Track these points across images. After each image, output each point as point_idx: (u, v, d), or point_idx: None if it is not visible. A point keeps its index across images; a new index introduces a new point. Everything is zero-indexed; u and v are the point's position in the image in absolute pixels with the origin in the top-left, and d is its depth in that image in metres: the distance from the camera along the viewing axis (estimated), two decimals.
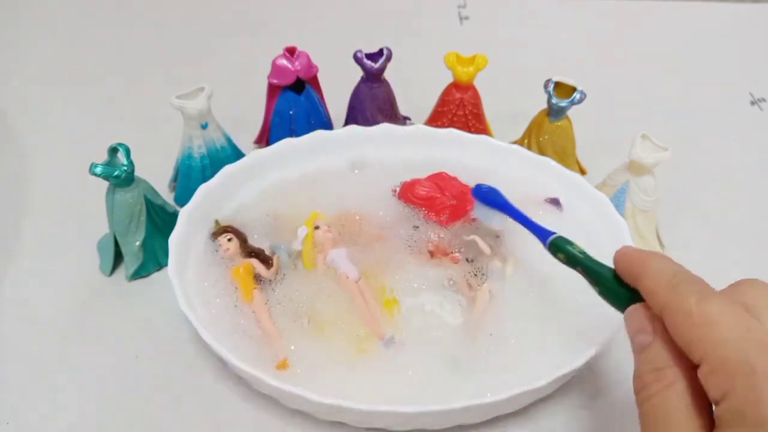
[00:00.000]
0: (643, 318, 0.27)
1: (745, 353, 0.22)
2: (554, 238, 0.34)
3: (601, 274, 0.31)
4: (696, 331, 0.24)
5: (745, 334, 0.23)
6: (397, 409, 0.32)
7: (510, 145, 0.48)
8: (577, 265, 0.32)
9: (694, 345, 0.24)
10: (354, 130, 0.49)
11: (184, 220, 0.41)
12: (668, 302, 0.25)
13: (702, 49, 0.71)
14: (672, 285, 0.26)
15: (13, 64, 0.67)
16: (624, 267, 0.29)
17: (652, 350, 0.26)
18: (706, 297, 0.25)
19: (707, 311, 0.24)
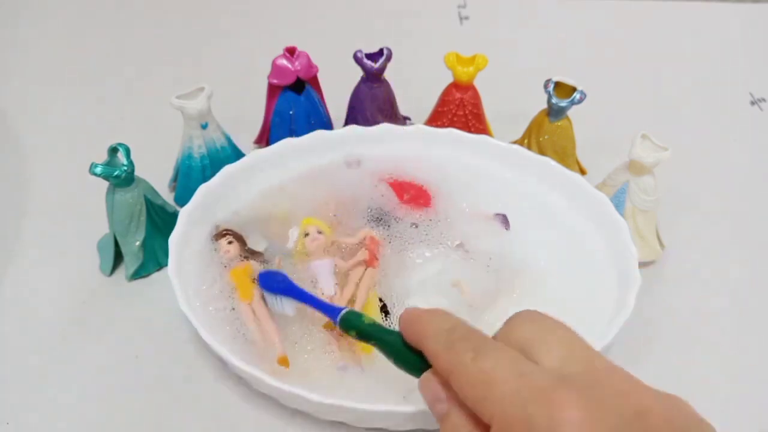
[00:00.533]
0: (436, 386, 0.26)
1: (523, 407, 0.22)
2: (345, 313, 0.33)
3: (391, 343, 0.30)
4: (477, 392, 0.24)
5: (520, 383, 0.23)
6: (397, 409, 0.32)
7: (510, 145, 0.48)
8: (369, 338, 0.31)
9: (480, 407, 0.24)
10: (354, 130, 0.49)
11: (184, 220, 0.41)
12: (447, 366, 0.25)
13: (702, 49, 0.71)
14: (449, 345, 0.25)
15: (13, 64, 0.67)
16: (407, 330, 0.28)
17: (451, 419, 0.25)
18: (481, 352, 0.24)
19: (482, 368, 0.24)
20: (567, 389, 0.22)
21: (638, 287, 0.38)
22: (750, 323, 0.44)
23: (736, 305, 0.45)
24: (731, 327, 0.43)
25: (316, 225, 0.42)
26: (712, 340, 0.42)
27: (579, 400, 0.22)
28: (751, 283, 0.46)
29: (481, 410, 0.24)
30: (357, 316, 0.32)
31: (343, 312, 0.33)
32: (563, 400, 0.22)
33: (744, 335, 0.43)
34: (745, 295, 0.45)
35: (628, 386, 0.23)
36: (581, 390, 0.22)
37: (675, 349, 0.41)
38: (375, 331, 0.31)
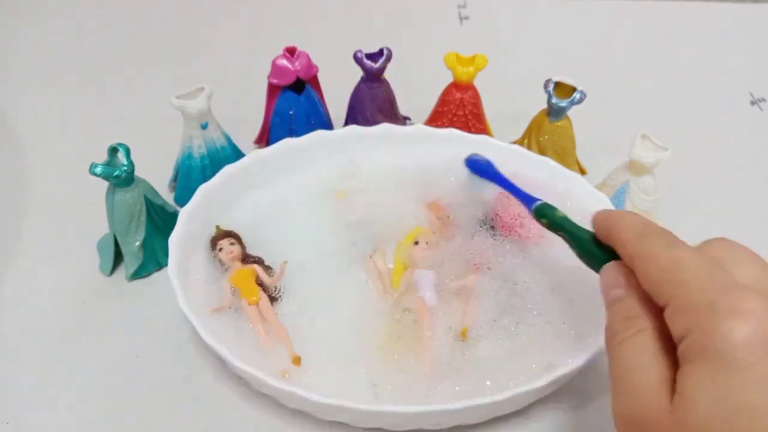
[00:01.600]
0: (617, 274, 0.28)
1: (707, 293, 0.23)
2: (539, 204, 0.36)
3: (581, 237, 0.32)
4: (662, 275, 0.25)
5: (708, 275, 0.24)
6: (397, 409, 0.32)
7: (510, 145, 0.48)
8: (559, 229, 0.34)
9: (661, 288, 0.25)
10: (354, 130, 0.49)
11: (184, 220, 0.41)
12: (637, 250, 0.26)
13: (702, 49, 0.71)
14: (641, 235, 0.27)
15: (13, 64, 0.67)
16: (599, 225, 0.30)
17: (625, 302, 0.26)
18: (674, 244, 0.26)
19: (673, 256, 0.25)
20: (756, 293, 0.23)
21: None
22: None
23: None
24: None
25: (426, 237, 0.42)
26: None
27: (764, 304, 0.22)
28: None
29: (660, 292, 0.25)
30: (551, 208, 0.35)
31: (538, 202, 0.36)
32: (750, 296, 0.22)
33: None
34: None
35: None
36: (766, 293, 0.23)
37: None
38: (566, 223, 0.33)
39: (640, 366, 0.24)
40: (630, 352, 0.25)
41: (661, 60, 0.69)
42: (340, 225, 0.44)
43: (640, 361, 0.24)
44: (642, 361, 0.24)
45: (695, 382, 0.22)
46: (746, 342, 0.21)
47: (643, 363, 0.24)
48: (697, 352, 0.22)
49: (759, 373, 0.21)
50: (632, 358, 0.25)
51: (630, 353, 0.25)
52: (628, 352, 0.25)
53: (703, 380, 0.22)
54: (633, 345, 0.25)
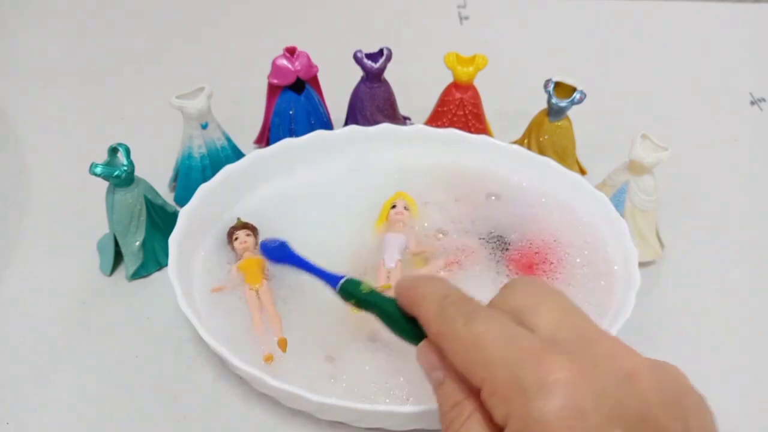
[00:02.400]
0: (431, 354, 0.26)
1: (513, 369, 0.22)
2: (343, 282, 0.33)
3: (389, 312, 0.29)
4: (468, 356, 0.24)
5: (511, 346, 0.23)
6: (397, 409, 0.32)
7: (510, 145, 0.48)
8: (368, 307, 0.31)
9: (470, 370, 0.24)
10: (354, 130, 0.49)
11: (184, 220, 0.41)
12: (439, 330, 0.25)
13: (702, 49, 0.71)
14: (441, 311, 0.25)
15: (13, 64, 0.67)
16: (403, 297, 0.28)
17: (446, 385, 0.25)
18: (472, 317, 0.24)
19: (474, 332, 0.24)
20: (556, 352, 0.22)
21: (638, 287, 0.38)
22: (750, 323, 0.44)
23: (736, 305, 0.45)
24: (731, 327, 0.43)
25: (405, 200, 0.44)
26: (712, 339, 0.42)
27: (568, 362, 0.22)
28: (751, 283, 0.46)
29: (471, 374, 0.24)
30: (355, 285, 0.32)
31: (342, 281, 0.33)
32: (552, 362, 0.22)
33: (744, 335, 0.43)
34: (745, 295, 0.45)
35: (619, 350, 0.23)
36: (571, 353, 0.22)
37: (675, 349, 0.41)
38: (373, 299, 0.31)
39: None
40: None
41: (662, 60, 0.69)
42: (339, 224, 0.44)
43: None
44: None
45: None
46: (559, 419, 0.21)
47: None
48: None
49: None
50: None
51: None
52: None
53: None
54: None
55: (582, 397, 0.21)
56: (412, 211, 0.44)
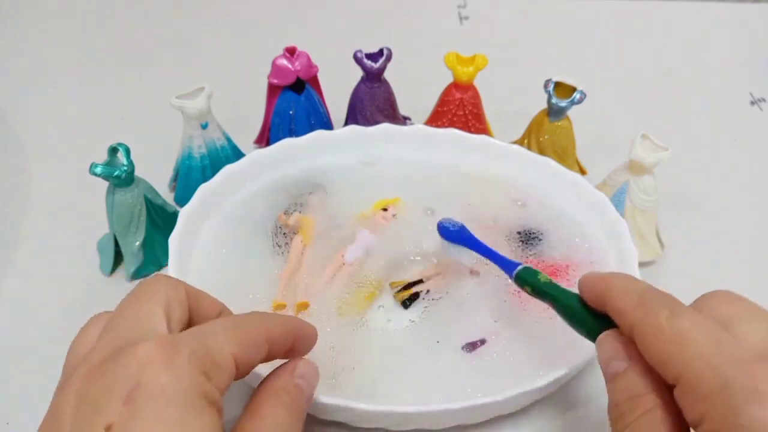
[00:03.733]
0: (616, 344, 0.26)
1: (720, 371, 0.21)
2: (520, 269, 0.33)
3: (568, 304, 0.29)
4: (668, 349, 0.23)
5: (718, 349, 0.22)
6: (397, 409, 0.32)
7: (510, 145, 0.48)
8: (545, 296, 0.31)
9: (668, 364, 0.23)
10: (354, 130, 0.49)
11: (184, 220, 0.41)
12: (638, 320, 0.25)
13: (702, 49, 0.71)
14: (641, 302, 0.25)
15: (13, 64, 0.67)
16: (589, 291, 0.28)
17: (628, 377, 0.25)
18: (677, 312, 0.24)
19: (679, 326, 0.23)
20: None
21: None
22: None
23: None
24: None
25: (395, 207, 0.44)
26: None
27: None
28: (750, 283, 0.46)
29: (667, 368, 0.23)
30: (533, 273, 0.32)
31: (519, 268, 0.33)
32: (765, 372, 0.21)
33: None
34: (745, 295, 0.45)
35: None
36: None
37: None
38: (551, 289, 0.31)
39: None
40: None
41: (661, 60, 0.69)
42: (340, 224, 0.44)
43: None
44: None
45: None
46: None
47: None
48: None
49: None
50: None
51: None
52: None
53: None
54: (643, 430, 0.23)
55: None
56: (397, 217, 0.44)
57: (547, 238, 0.43)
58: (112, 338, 0.25)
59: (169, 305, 0.26)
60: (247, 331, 0.26)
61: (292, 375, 0.29)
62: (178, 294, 0.27)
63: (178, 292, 0.27)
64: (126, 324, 0.25)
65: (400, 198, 0.45)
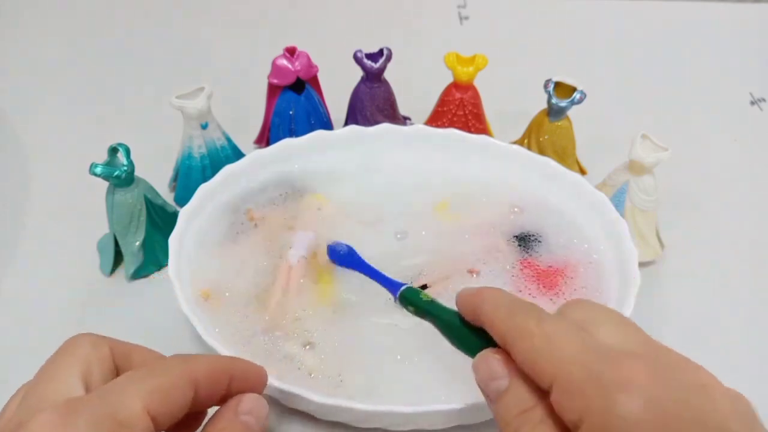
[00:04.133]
0: (494, 362, 0.26)
1: (590, 366, 0.22)
2: (404, 290, 0.34)
3: (448, 321, 0.30)
4: (540, 353, 0.23)
5: (584, 345, 0.23)
6: (397, 409, 0.32)
7: (510, 145, 0.48)
8: (426, 315, 0.32)
9: (541, 368, 0.23)
10: (354, 130, 0.49)
11: (184, 220, 0.41)
12: (509, 329, 0.25)
13: (702, 49, 0.71)
14: (510, 312, 0.26)
15: (13, 64, 0.67)
16: (464, 306, 0.28)
17: (512, 393, 0.25)
18: (544, 318, 0.25)
19: (546, 330, 0.24)
20: (632, 357, 0.22)
21: (638, 287, 0.38)
22: (750, 323, 0.44)
23: (736, 305, 0.45)
24: (731, 327, 0.43)
25: (319, 201, 0.45)
26: (712, 339, 0.42)
27: (645, 367, 0.22)
28: (751, 283, 0.46)
29: (541, 372, 0.23)
30: (415, 293, 0.33)
31: (402, 288, 0.34)
32: (631, 365, 0.22)
33: (744, 335, 0.43)
34: (745, 295, 0.45)
35: (687, 363, 0.23)
36: (645, 361, 0.22)
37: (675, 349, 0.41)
38: (432, 308, 0.31)
39: None
40: None
41: (661, 60, 0.69)
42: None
43: None
44: None
45: None
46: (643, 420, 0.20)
47: None
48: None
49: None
50: None
51: None
52: None
53: None
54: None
55: (665, 400, 0.21)
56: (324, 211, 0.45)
57: (546, 239, 0.43)
58: (22, 409, 0.24)
59: (88, 366, 0.26)
60: (163, 379, 0.25)
61: (236, 412, 0.28)
62: (100, 352, 0.26)
63: (99, 351, 0.27)
64: (37, 392, 0.25)
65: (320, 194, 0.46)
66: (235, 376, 0.28)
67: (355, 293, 0.40)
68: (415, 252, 0.43)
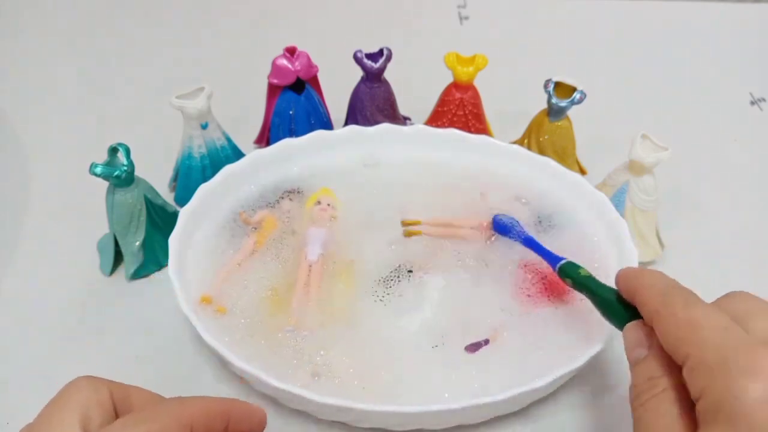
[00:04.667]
0: (639, 333, 0.29)
1: (721, 351, 0.23)
2: (563, 263, 0.37)
3: (604, 297, 0.33)
4: (680, 333, 0.25)
5: (724, 333, 0.24)
6: (397, 409, 0.32)
7: (510, 145, 0.48)
8: (584, 289, 0.34)
9: (678, 346, 0.25)
10: (354, 130, 0.49)
11: (184, 220, 0.41)
12: (658, 309, 0.27)
13: (702, 49, 0.71)
14: (663, 294, 0.28)
15: (13, 64, 0.67)
16: (623, 285, 0.31)
17: (647, 362, 0.27)
18: (692, 303, 0.26)
19: (691, 315, 0.26)
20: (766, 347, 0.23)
21: None
22: None
23: None
24: None
25: (330, 197, 0.45)
26: None
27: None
28: (751, 283, 0.46)
29: (677, 350, 0.25)
30: (574, 267, 0.36)
31: (562, 261, 0.37)
32: (764, 353, 0.23)
33: None
34: None
35: None
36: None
37: None
38: (590, 283, 0.34)
39: (660, 427, 0.25)
40: (651, 414, 0.25)
41: (661, 60, 0.69)
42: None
43: (660, 424, 0.25)
44: (662, 424, 0.25)
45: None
46: (760, 401, 0.21)
47: (663, 425, 0.25)
48: (713, 413, 0.23)
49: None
50: (653, 420, 0.25)
51: (651, 415, 0.25)
52: (649, 413, 0.26)
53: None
54: (654, 406, 0.25)
55: None
56: (336, 207, 0.45)
57: (546, 239, 0.43)
58: None
59: (87, 410, 0.26)
60: (156, 425, 0.25)
61: None
62: (99, 395, 0.27)
63: (98, 394, 0.27)
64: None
65: (325, 188, 0.46)
66: (233, 419, 0.28)
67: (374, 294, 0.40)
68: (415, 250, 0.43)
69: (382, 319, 0.39)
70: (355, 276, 0.41)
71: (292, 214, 0.44)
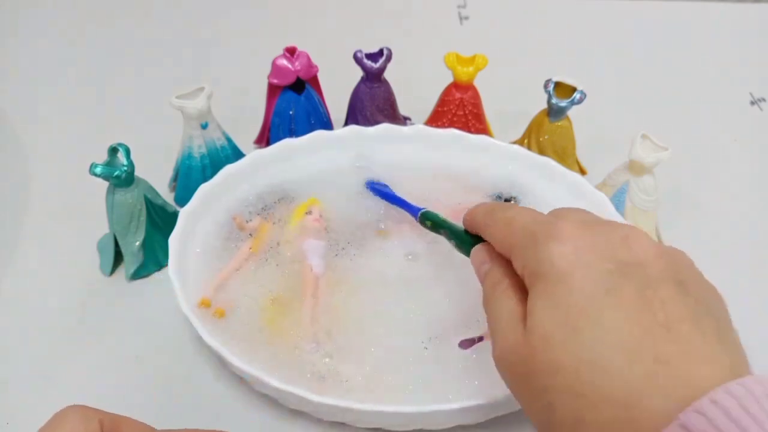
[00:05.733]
0: (483, 252, 0.32)
1: (531, 230, 0.28)
2: (423, 211, 0.41)
3: (456, 231, 0.36)
4: (503, 232, 0.30)
5: (532, 220, 0.29)
6: (397, 409, 0.32)
7: (510, 145, 0.48)
8: (440, 228, 0.38)
9: (504, 243, 0.30)
10: (354, 130, 0.49)
11: (184, 220, 0.41)
12: (486, 222, 0.32)
13: (702, 49, 0.71)
14: (488, 211, 0.32)
15: (13, 64, 0.67)
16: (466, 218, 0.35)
17: (491, 272, 0.30)
18: (509, 208, 0.31)
19: (507, 215, 0.30)
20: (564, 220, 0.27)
21: None
22: (750, 323, 0.43)
23: (736, 305, 0.44)
24: None
25: (319, 207, 0.44)
26: None
27: (575, 225, 0.27)
28: (751, 283, 0.46)
29: (504, 246, 0.29)
30: (433, 214, 0.40)
31: (423, 209, 0.41)
32: (563, 225, 0.27)
33: (744, 335, 0.42)
34: (746, 295, 0.45)
35: (616, 224, 0.28)
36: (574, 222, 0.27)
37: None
38: (445, 223, 0.38)
39: (502, 312, 0.28)
40: (496, 305, 0.29)
41: (662, 60, 0.69)
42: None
43: (502, 309, 0.28)
44: (504, 308, 0.28)
45: (534, 301, 0.26)
46: (562, 255, 0.25)
47: (505, 309, 0.28)
48: (533, 278, 0.26)
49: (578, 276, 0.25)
50: (497, 309, 0.28)
51: (496, 306, 0.29)
52: (495, 305, 0.29)
53: (540, 298, 0.25)
54: (498, 300, 0.29)
55: (581, 244, 0.26)
56: (325, 218, 0.44)
57: None
58: None
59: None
60: None
61: None
62: (89, 427, 0.27)
63: (88, 426, 0.27)
64: None
65: (314, 198, 0.46)
66: None
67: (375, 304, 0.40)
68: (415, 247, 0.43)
69: (383, 322, 0.39)
70: (357, 282, 0.41)
71: (285, 221, 0.44)
